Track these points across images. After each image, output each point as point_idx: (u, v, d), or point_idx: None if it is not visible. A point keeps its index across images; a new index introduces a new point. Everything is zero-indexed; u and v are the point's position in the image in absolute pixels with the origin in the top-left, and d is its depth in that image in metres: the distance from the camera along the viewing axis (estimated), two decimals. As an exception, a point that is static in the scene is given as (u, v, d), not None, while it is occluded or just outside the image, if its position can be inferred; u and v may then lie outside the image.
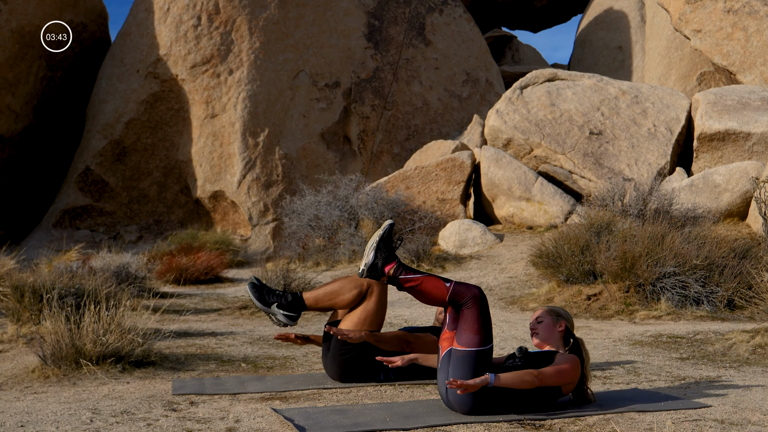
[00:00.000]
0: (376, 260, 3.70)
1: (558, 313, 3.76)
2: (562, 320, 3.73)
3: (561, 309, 3.83)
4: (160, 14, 17.15)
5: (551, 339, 3.70)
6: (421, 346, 4.33)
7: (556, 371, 3.49)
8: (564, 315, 3.77)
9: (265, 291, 4.27)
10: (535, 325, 3.75)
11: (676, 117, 12.72)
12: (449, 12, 19.44)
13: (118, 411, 3.67)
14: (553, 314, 3.75)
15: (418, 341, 4.33)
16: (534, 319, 3.77)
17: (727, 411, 3.50)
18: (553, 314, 3.75)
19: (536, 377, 3.43)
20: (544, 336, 3.71)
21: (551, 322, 3.72)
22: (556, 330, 3.71)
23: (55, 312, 4.97)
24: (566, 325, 3.72)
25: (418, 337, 4.36)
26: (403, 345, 4.29)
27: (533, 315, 3.81)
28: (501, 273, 9.95)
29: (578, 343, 3.73)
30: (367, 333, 4.17)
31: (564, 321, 3.73)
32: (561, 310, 3.82)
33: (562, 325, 3.72)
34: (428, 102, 18.35)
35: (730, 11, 14.26)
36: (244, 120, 16.48)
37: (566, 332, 3.72)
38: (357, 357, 4.25)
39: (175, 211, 17.30)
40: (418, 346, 4.32)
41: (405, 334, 4.34)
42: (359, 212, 12.57)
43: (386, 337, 4.26)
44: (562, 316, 3.75)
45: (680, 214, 9.75)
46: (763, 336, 5.21)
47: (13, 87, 17.14)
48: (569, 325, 3.75)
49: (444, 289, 3.59)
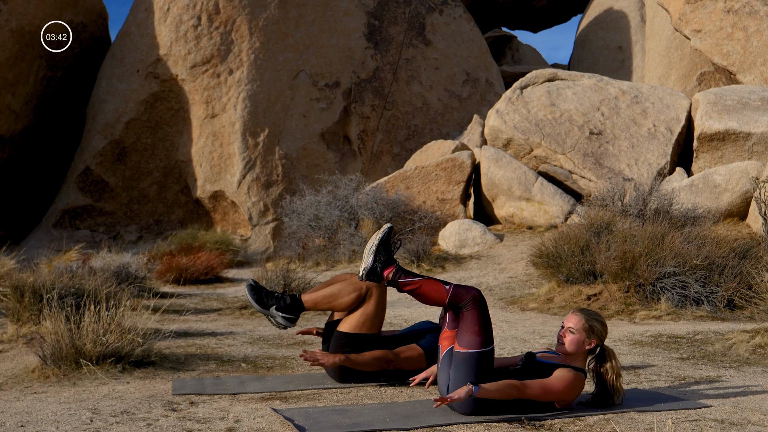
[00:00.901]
0: (375, 264, 3.69)
1: (592, 330, 3.58)
2: (594, 339, 3.58)
3: (598, 321, 3.62)
4: (160, 14, 17.15)
5: (576, 354, 3.59)
6: (404, 362, 4.23)
7: (540, 388, 3.41)
8: (598, 332, 3.58)
9: (263, 293, 4.26)
10: (564, 334, 3.61)
11: (676, 117, 12.72)
12: (449, 12, 19.44)
13: (118, 411, 3.67)
14: (588, 331, 3.57)
15: (399, 358, 4.22)
16: (566, 325, 3.62)
17: (727, 411, 3.50)
18: (587, 331, 3.57)
19: (518, 390, 3.36)
20: (570, 349, 3.59)
21: (582, 338, 3.57)
22: (583, 347, 3.58)
23: (55, 312, 4.96)
24: (597, 343, 3.59)
25: (398, 354, 4.23)
26: (383, 364, 4.19)
27: (568, 319, 3.64)
28: (501, 273, 9.95)
29: (605, 354, 3.61)
30: (341, 358, 4.09)
31: (596, 340, 3.58)
32: (598, 323, 3.61)
33: (592, 344, 3.58)
34: (428, 102, 18.35)
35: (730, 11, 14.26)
36: (244, 120, 16.48)
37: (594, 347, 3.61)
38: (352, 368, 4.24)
39: (175, 211, 17.30)
40: (400, 362, 4.23)
41: (385, 354, 4.20)
42: (359, 212, 12.57)
43: (364, 359, 4.14)
44: (595, 333, 3.57)
45: (680, 214, 9.75)
46: (763, 336, 5.21)
47: (13, 87, 17.14)
48: (600, 341, 3.60)
49: (443, 291, 3.58)
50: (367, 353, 4.17)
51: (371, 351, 4.19)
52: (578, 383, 3.50)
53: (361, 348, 4.24)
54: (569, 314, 3.67)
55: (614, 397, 3.59)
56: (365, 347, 4.24)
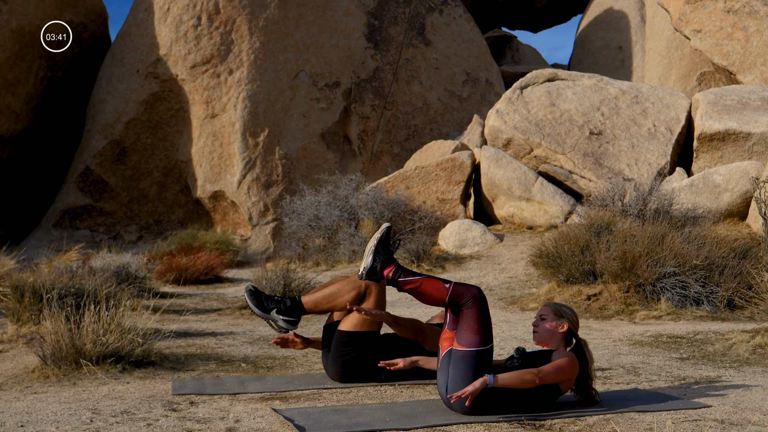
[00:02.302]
0: (374, 264, 3.70)
1: (561, 314, 3.68)
2: (565, 321, 3.66)
3: (566, 307, 3.75)
4: (160, 14, 17.15)
5: (552, 339, 3.66)
6: (433, 338, 4.29)
7: (555, 368, 3.46)
8: (567, 315, 3.69)
9: (263, 297, 4.26)
10: (537, 322, 3.70)
11: (676, 117, 12.72)
12: (449, 12, 19.44)
13: (118, 411, 3.67)
14: (558, 314, 3.68)
15: (431, 332, 4.29)
16: (537, 316, 3.72)
17: (727, 411, 3.50)
18: (556, 314, 3.68)
19: (536, 375, 3.40)
20: (545, 336, 3.67)
21: (553, 322, 3.66)
22: (557, 331, 3.65)
23: (55, 312, 4.96)
24: (569, 326, 3.67)
25: (431, 329, 4.32)
26: (417, 333, 4.25)
27: (539, 311, 3.75)
28: (501, 273, 9.95)
29: (581, 344, 3.68)
30: (386, 314, 4.14)
31: (566, 322, 3.66)
32: (565, 308, 3.73)
33: (564, 326, 3.66)
34: (428, 102, 18.35)
35: (730, 11, 14.26)
36: (244, 120, 16.48)
37: (569, 333, 3.67)
38: (358, 357, 4.25)
39: (175, 211, 17.30)
40: (430, 337, 4.28)
41: (419, 323, 4.30)
42: (359, 212, 12.57)
43: (403, 321, 4.22)
44: (564, 316, 3.68)
45: (680, 214, 9.75)
46: (763, 336, 5.21)
47: (13, 87, 17.14)
48: (572, 325, 3.68)
49: (443, 290, 3.59)
50: (406, 318, 4.29)
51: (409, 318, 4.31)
52: (576, 363, 3.55)
53: (362, 346, 4.25)
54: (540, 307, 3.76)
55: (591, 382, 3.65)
56: (367, 345, 4.25)
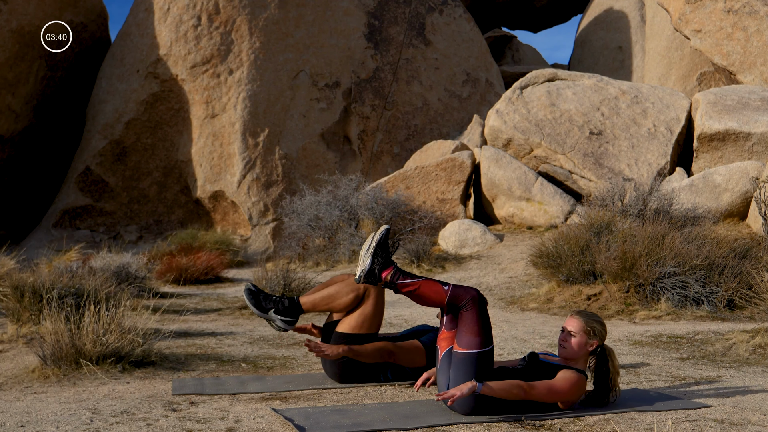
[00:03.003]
0: (372, 266, 3.67)
1: (593, 332, 3.55)
2: (596, 340, 3.55)
3: (597, 322, 3.59)
4: (160, 14, 17.15)
5: (577, 356, 3.56)
6: (404, 356, 4.25)
7: (547, 389, 3.40)
8: (598, 333, 3.56)
9: (261, 297, 4.27)
10: (566, 338, 3.57)
11: (676, 117, 12.72)
12: (449, 12, 19.44)
13: (118, 411, 3.67)
14: (589, 333, 3.54)
15: (400, 351, 4.24)
16: (566, 331, 3.58)
17: (727, 411, 3.50)
18: (588, 333, 3.54)
19: (524, 390, 3.35)
20: (572, 354, 3.56)
21: (583, 340, 3.55)
22: (585, 349, 3.56)
23: (55, 312, 4.96)
24: (598, 344, 3.57)
25: (400, 347, 4.25)
26: (384, 356, 4.20)
27: (567, 322, 3.60)
28: (501, 273, 9.95)
29: (605, 353, 3.59)
30: (345, 349, 4.10)
31: (597, 341, 3.56)
32: (597, 324, 3.58)
33: (593, 345, 3.55)
34: (428, 102, 18.35)
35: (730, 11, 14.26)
36: (244, 120, 16.48)
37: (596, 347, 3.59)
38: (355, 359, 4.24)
39: (175, 211, 17.30)
40: (401, 355, 4.24)
41: (386, 345, 4.22)
42: (359, 212, 12.57)
43: (366, 350, 4.15)
44: (596, 335, 3.55)
45: (680, 214, 9.75)
46: (763, 336, 5.21)
47: (13, 87, 17.14)
48: (602, 341, 3.58)
49: (442, 292, 3.57)
50: (369, 345, 4.20)
51: (373, 343, 4.21)
52: (582, 384, 3.49)
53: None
54: (568, 318, 3.64)
55: (611, 395, 3.60)
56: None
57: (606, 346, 3.64)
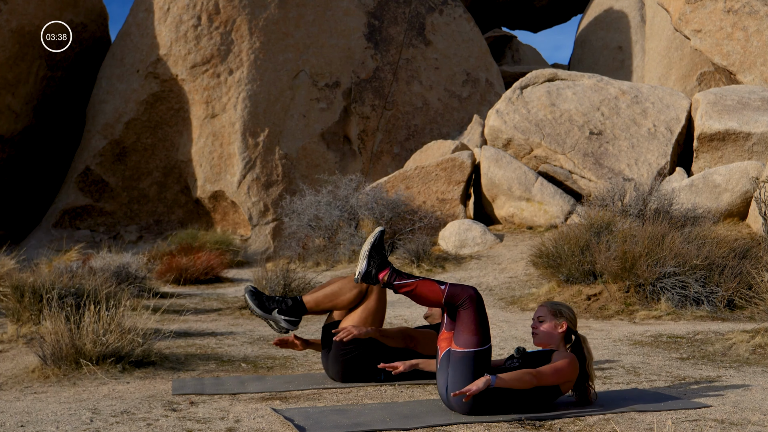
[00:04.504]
0: (369, 268, 3.70)
1: (559, 313, 3.70)
2: (564, 321, 3.68)
3: (563, 306, 3.76)
4: (160, 14, 17.15)
5: (552, 340, 3.67)
6: (424, 342, 4.34)
7: (553, 370, 3.48)
8: (566, 314, 3.70)
9: (264, 298, 4.26)
10: (536, 325, 3.71)
11: (676, 117, 12.72)
12: (449, 12, 19.44)
13: (118, 411, 3.67)
14: (556, 314, 3.69)
15: (421, 337, 4.35)
16: (535, 317, 3.73)
17: (727, 411, 3.50)
18: (555, 314, 3.69)
19: (534, 376, 3.41)
20: (544, 338, 3.68)
21: (552, 323, 3.68)
22: (557, 332, 3.67)
23: (55, 312, 4.96)
24: (568, 325, 3.68)
25: (421, 333, 4.37)
26: (407, 341, 4.30)
27: (536, 311, 3.76)
28: (501, 273, 9.95)
29: (580, 341, 3.70)
30: (373, 329, 4.17)
31: (565, 321, 3.68)
32: (563, 307, 3.74)
33: (563, 325, 3.67)
34: (428, 102, 18.35)
35: (730, 11, 14.26)
36: (244, 120, 16.48)
37: (568, 331, 3.69)
38: (358, 357, 4.25)
39: (175, 211, 17.30)
40: (421, 341, 4.33)
41: (409, 329, 4.36)
42: (359, 212, 12.57)
43: (391, 332, 4.27)
44: (563, 315, 3.69)
45: (680, 214, 9.75)
46: (763, 336, 5.21)
47: (13, 87, 17.14)
48: (571, 324, 3.70)
49: (439, 292, 3.59)
50: (393, 328, 4.32)
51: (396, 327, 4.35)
52: (576, 364, 3.57)
53: (363, 346, 4.25)
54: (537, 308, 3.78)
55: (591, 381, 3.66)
56: (367, 345, 4.25)
57: (579, 333, 3.74)
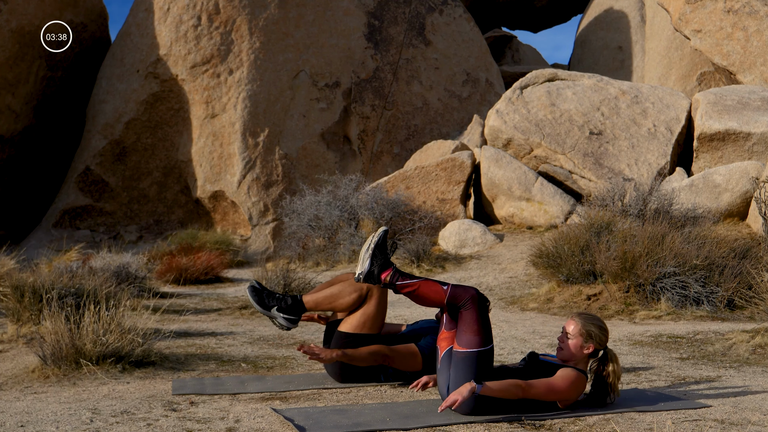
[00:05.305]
0: (372, 268, 3.68)
1: (590, 335, 3.56)
2: (591, 344, 3.56)
3: (595, 326, 3.60)
4: (160, 14, 17.15)
5: (574, 359, 3.58)
6: (400, 360, 4.23)
7: (546, 387, 3.41)
8: (595, 337, 3.56)
9: (265, 294, 4.26)
10: (563, 339, 3.60)
11: (676, 117, 12.72)
12: (449, 12, 19.44)
13: (118, 411, 3.67)
14: (585, 336, 3.56)
15: (396, 355, 4.22)
16: (564, 332, 3.61)
17: (727, 411, 3.50)
18: (583, 335, 3.56)
19: (523, 389, 3.35)
20: (568, 355, 3.58)
21: (579, 343, 3.56)
22: (581, 353, 3.57)
23: (55, 312, 4.96)
24: (594, 347, 3.57)
25: (395, 351, 4.22)
26: (379, 360, 4.18)
27: (567, 324, 3.62)
28: (501, 273, 9.95)
29: (606, 357, 3.60)
30: (339, 353, 4.07)
31: (593, 344, 3.56)
32: (593, 327, 3.58)
33: (590, 348, 3.56)
34: (428, 102, 18.35)
35: (730, 11, 14.26)
36: (244, 120, 16.48)
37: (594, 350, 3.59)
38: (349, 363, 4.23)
39: (175, 211, 17.30)
40: (396, 359, 4.22)
41: (381, 349, 4.19)
42: (359, 212, 12.57)
43: (361, 354, 4.13)
44: (592, 339, 3.56)
45: (680, 214, 9.75)
46: (763, 336, 5.21)
47: (13, 87, 17.14)
48: (599, 346, 3.58)
49: (441, 292, 3.58)
50: (363, 348, 4.17)
51: (368, 346, 4.19)
52: (581, 383, 3.50)
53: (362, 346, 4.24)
54: (569, 319, 3.66)
55: (610, 397, 3.61)
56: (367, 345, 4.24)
57: (609, 350, 3.64)
